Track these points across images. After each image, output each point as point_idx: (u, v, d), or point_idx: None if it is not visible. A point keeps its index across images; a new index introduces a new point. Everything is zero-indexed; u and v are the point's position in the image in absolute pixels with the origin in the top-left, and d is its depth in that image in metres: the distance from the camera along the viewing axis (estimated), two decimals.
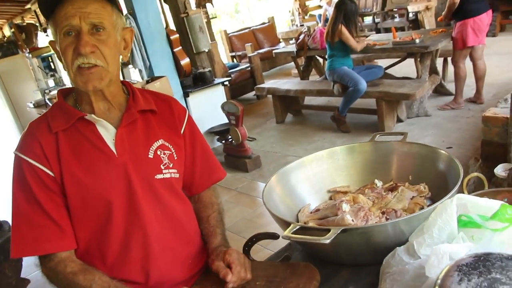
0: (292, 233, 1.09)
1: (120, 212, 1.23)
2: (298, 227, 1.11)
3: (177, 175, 1.34)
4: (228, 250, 1.24)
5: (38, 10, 8.03)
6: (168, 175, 1.30)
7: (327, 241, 1.01)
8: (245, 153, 4.76)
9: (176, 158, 1.34)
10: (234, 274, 1.17)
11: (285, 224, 1.17)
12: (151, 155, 1.29)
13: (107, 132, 1.26)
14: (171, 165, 1.32)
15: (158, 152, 1.31)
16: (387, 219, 1.25)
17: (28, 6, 8.15)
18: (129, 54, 1.35)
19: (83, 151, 1.24)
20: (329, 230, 1.04)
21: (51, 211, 1.20)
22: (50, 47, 1.27)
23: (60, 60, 1.22)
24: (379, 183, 1.48)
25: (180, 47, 5.00)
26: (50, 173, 1.21)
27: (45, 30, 8.55)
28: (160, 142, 1.32)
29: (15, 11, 9.45)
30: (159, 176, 1.28)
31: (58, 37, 1.18)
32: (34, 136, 1.23)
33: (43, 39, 9.33)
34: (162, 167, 1.30)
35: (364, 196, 1.41)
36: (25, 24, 9.81)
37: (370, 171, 1.56)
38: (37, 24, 8.94)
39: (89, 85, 1.19)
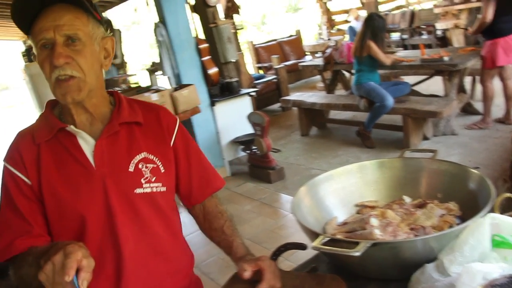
0: (322, 244, 1.09)
1: (95, 226, 1.22)
2: (327, 238, 1.11)
3: (163, 189, 1.31)
4: (261, 257, 1.24)
5: None
6: (149, 190, 1.27)
7: (358, 254, 1.01)
8: (269, 164, 4.77)
9: (163, 171, 1.31)
10: (265, 281, 1.17)
11: (313, 235, 1.17)
12: (131, 169, 1.26)
13: (87, 145, 1.25)
14: (153, 179, 1.29)
15: (140, 166, 1.28)
16: (415, 235, 1.24)
17: None
18: (111, 64, 1.32)
19: (63, 162, 1.24)
20: (358, 243, 1.05)
21: (28, 216, 1.21)
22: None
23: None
24: (407, 199, 1.48)
25: (209, 57, 5.05)
26: (27, 180, 1.22)
27: None
28: (143, 155, 1.29)
29: None
30: (139, 191, 1.26)
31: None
32: (16, 145, 1.26)
33: None
34: (143, 181, 1.27)
35: (392, 211, 1.40)
36: None
37: (398, 187, 1.55)
38: None
39: (68, 97, 1.18)
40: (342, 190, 1.55)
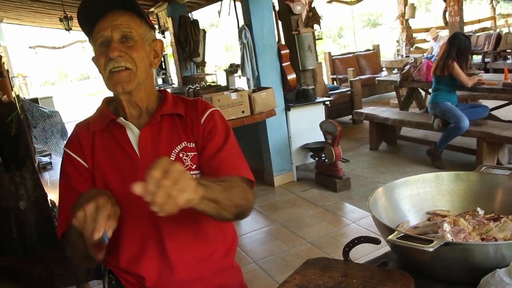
0: (396, 239, 1.17)
1: (138, 211, 1.34)
2: (402, 234, 1.19)
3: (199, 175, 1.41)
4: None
5: (160, 14, 8.63)
6: None
7: (431, 250, 1.08)
8: (337, 173, 4.83)
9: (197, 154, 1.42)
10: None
11: (388, 230, 1.25)
12: (172, 158, 1.37)
13: (133, 135, 1.39)
14: (193, 167, 1.40)
15: (181, 155, 1.39)
16: None
17: (152, 9, 8.78)
18: (159, 63, 1.48)
19: (112, 151, 1.38)
20: (431, 241, 1.12)
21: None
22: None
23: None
24: (481, 212, 1.52)
25: (289, 63, 5.19)
26: (85, 164, 1.38)
27: (162, 32, 9.17)
28: (183, 144, 1.40)
29: None
30: None
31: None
32: (76, 134, 1.42)
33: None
34: None
35: (464, 220, 1.45)
36: None
37: (472, 200, 1.59)
38: (156, 26, 9.59)
39: (119, 87, 1.32)
40: (416, 197, 1.62)
